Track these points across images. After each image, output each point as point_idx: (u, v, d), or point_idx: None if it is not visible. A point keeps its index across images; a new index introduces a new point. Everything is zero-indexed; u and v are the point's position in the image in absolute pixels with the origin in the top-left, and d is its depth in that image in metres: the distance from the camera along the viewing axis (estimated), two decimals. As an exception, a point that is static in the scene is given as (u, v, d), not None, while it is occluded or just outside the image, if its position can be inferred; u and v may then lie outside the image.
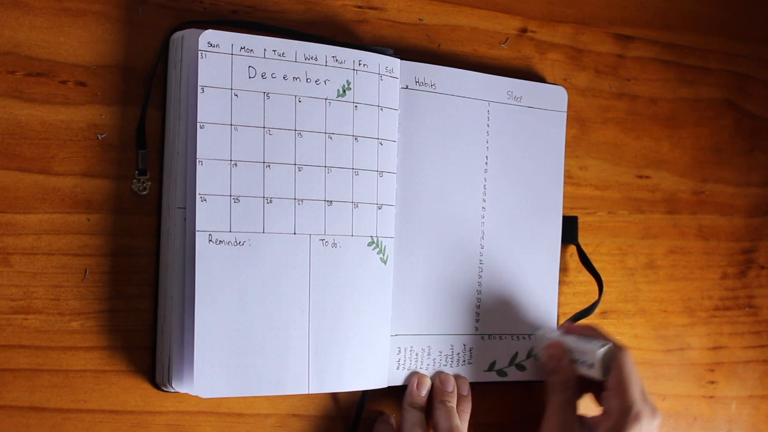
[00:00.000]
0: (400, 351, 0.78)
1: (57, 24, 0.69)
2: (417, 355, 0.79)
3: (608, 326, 0.92)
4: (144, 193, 0.71)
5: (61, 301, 0.69)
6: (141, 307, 0.71)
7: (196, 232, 0.68)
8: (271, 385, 0.71)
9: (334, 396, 0.78)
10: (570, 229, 0.88)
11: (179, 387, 0.69)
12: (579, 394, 0.82)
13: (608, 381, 0.79)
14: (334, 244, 0.74)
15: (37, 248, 0.68)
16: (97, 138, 0.70)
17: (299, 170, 0.73)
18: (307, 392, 0.72)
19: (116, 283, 0.70)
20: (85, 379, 0.70)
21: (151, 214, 0.71)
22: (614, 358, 0.79)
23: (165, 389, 0.71)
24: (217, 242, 0.69)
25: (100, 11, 0.70)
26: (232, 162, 0.70)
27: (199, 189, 0.69)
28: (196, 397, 0.73)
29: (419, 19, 0.83)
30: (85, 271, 0.69)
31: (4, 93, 0.67)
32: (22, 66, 0.68)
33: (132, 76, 0.71)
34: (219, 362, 0.69)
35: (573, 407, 0.81)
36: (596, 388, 0.82)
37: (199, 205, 0.69)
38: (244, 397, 0.75)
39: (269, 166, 0.71)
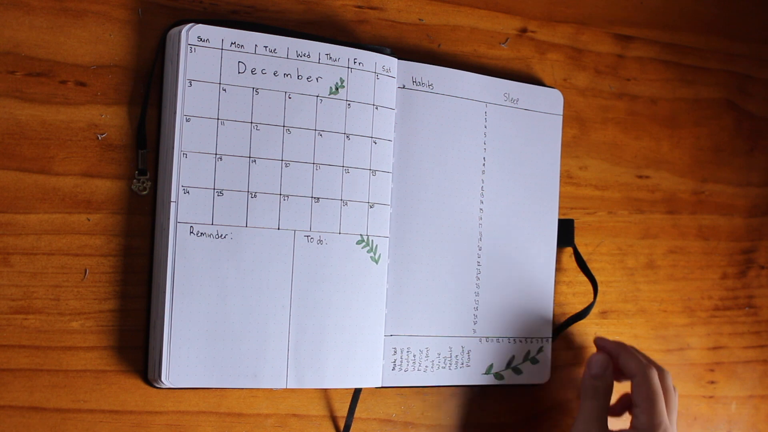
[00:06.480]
0: (396, 352, 0.78)
1: (57, 24, 0.69)
2: (414, 356, 0.79)
3: (608, 326, 0.92)
4: (144, 193, 0.71)
5: (61, 301, 0.69)
6: (141, 307, 0.71)
7: (177, 224, 0.69)
8: (247, 378, 0.71)
9: (335, 396, 0.78)
10: (566, 232, 0.88)
11: (168, 382, 0.69)
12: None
13: (636, 397, 0.81)
14: (320, 241, 0.74)
15: (37, 248, 0.68)
16: (97, 138, 0.70)
17: (286, 166, 0.73)
18: (284, 387, 0.73)
19: (116, 283, 0.70)
20: (84, 379, 0.70)
21: (151, 215, 0.72)
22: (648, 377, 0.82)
23: (156, 385, 0.71)
24: (198, 234, 0.70)
25: (100, 11, 0.70)
26: (217, 156, 0.71)
27: (182, 181, 0.69)
28: (196, 396, 0.73)
29: (419, 19, 0.83)
30: (85, 271, 0.70)
31: (4, 93, 0.67)
32: (22, 66, 0.68)
33: (132, 76, 0.71)
34: (193, 352, 0.69)
35: (605, 417, 0.82)
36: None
37: (182, 197, 0.69)
38: (244, 397, 0.75)
39: (255, 161, 0.72)
